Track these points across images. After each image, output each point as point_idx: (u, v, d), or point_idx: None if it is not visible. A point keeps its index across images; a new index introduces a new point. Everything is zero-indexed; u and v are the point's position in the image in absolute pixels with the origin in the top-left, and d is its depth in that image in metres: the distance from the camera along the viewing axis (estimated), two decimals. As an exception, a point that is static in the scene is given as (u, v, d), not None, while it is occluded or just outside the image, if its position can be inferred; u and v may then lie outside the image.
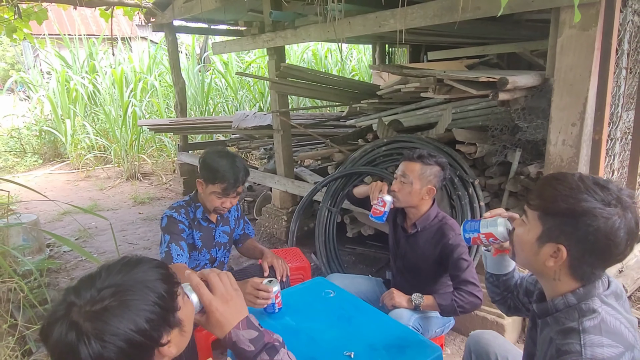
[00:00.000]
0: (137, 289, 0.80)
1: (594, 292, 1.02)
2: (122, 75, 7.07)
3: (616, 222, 0.94)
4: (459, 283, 1.82)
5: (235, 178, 1.94)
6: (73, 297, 0.78)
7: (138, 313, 0.78)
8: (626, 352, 0.92)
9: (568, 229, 0.99)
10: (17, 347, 2.12)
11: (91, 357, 0.74)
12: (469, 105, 3.38)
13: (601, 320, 0.97)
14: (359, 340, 1.52)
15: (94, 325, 0.75)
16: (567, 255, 1.00)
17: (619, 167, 2.31)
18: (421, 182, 1.89)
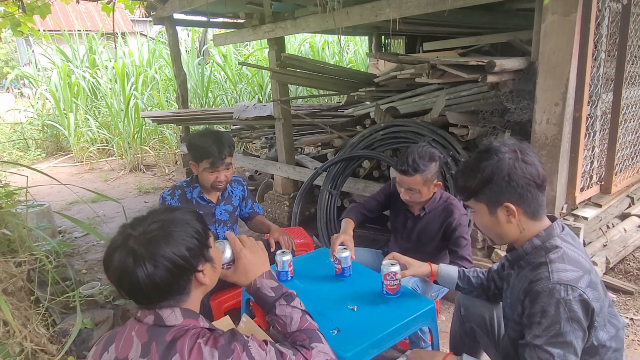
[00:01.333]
0: (179, 224, 0.99)
1: (553, 233, 1.23)
2: (123, 69, 7.19)
3: (515, 160, 1.21)
4: (456, 258, 2.01)
5: (220, 151, 2.08)
6: (129, 230, 0.97)
7: (180, 242, 0.96)
8: (585, 275, 1.13)
9: (496, 189, 1.23)
10: (42, 319, 2.28)
11: (145, 276, 0.92)
12: (462, 91, 3.53)
13: (563, 253, 1.18)
14: (361, 297, 1.70)
15: (147, 249, 0.93)
16: (515, 205, 1.22)
17: (599, 144, 2.48)
18: (426, 186, 2.01)
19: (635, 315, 2.49)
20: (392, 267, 1.65)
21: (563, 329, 1.09)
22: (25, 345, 2.00)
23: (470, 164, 1.30)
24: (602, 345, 1.16)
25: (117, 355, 0.95)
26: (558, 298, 1.10)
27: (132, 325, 0.98)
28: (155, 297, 0.96)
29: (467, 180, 1.28)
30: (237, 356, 0.92)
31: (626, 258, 3.11)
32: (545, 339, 1.11)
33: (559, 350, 1.10)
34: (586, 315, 1.11)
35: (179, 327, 0.95)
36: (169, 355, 0.90)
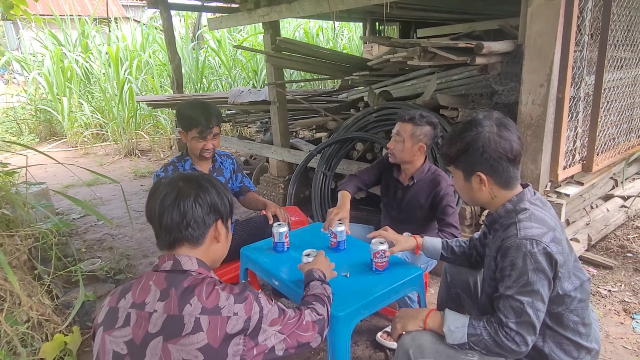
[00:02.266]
0: (222, 185, 1.17)
1: (524, 198, 1.36)
2: (117, 53, 7.16)
3: (492, 134, 1.31)
4: (444, 225, 2.11)
5: (208, 120, 2.17)
6: (180, 175, 1.14)
7: (220, 193, 1.13)
8: (549, 232, 1.25)
9: (471, 159, 1.35)
10: (46, 291, 2.36)
11: (183, 205, 1.06)
12: (453, 75, 3.62)
13: (531, 213, 1.30)
14: (354, 266, 1.79)
15: (194, 188, 1.09)
16: (486, 175, 1.34)
17: (582, 124, 2.58)
18: (412, 141, 2.14)
19: (612, 288, 2.62)
20: (380, 246, 1.74)
21: (530, 278, 1.21)
22: (31, 314, 2.08)
23: (454, 133, 1.41)
24: (567, 295, 1.28)
25: (134, 300, 1.03)
26: (524, 251, 1.22)
27: (149, 275, 1.06)
28: (182, 226, 1.07)
29: (448, 147, 1.40)
30: (249, 302, 1.03)
31: (608, 236, 3.25)
32: (515, 289, 1.23)
33: (527, 298, 1.22)
34: (550, 267, 1.23)
35: (195, 276, 1.04)
36: (188, 298, 0.99)
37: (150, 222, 1.11)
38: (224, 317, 0.97)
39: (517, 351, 1.24)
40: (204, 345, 0.94)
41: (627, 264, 2.89)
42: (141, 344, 0.97)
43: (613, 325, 2.30)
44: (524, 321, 1.23)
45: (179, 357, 0.94)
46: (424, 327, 1.43)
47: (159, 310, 0.99)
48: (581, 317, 1.33)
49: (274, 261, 1.89)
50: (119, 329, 1.01)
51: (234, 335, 0.97)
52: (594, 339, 1.38)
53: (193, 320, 0.96)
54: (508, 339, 1.24)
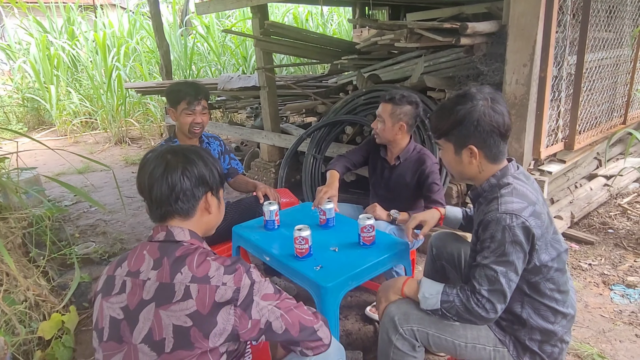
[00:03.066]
0: (210, 155, 1.18)
1: (507, 172, 1.40)
2: (104, 40, 7.08)
3: (486, 108, 1.33)
4: (430, 202, 2.18)
5: (196, 91, 2.22)
6: (169, 147, 1.16)
7: (208, 164, 1.15)
8: (529, 206, 1.31)
9: (464, 132, 1.37)
10: (42, 273, 2.40)
11: (172, 178, 1.08)
12: (441, 58, 3.65)
13: (513, 188, 1.35)
14: (342, 241, 1.86)
15: (182, 161, 1.11)
16: (477, 148, 1.38)
17: (564, 103, 2.65)
18: (392, 120, 2.19)
19: (593, 262, 2.72)
20: (367, 221, 1.80)
21: (507, 250, 1.27)
22: (27, 295, 2.12)
23: (446, 106, 1.42)
24: (544, 265, 1.34)
25: (129, 269, 1.07)
26: (504, 225, 1.27)
27: (144, 245, 1.11)
28: (171, 199, 1.10)
29: (440, 120, 1.42)
30: (239, 274, 1.04)
31: (590, 214, 3.35)
32: (492, 259, 1.29)
33: (502, 268, 1.28)
34: (527, 240, 1.28)
35: (187, 246, 1.08)
36: (179, 267, 1.03)
37: (141, 195, 1.14)
38: (213, 287, 1.00)
39: (486, 317, 1.31)
40: (193, 311, 0.98)
41: (608, 239, 2.99)
42: (135, 310, 1.02)
43: (592, 296, 2.40)
44: (496, 289, 1.29)
45: (169, 322, 0.98)
46: (401, 294, 1.49)
47: (152, 278, 1.03)
48: (557, 284, 1.39)
49: (265, 238, 1.94)
50: (115, 296, 1.05)
51: (223, 305, 1.00)
52: (570, 305, 1.45)
53: (183, 288, 1.00)
54: (479, 305, 1.30)
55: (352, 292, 2.50)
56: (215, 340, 1.00)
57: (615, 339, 2.05)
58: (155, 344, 0.98)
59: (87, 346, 2.18)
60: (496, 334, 1.44)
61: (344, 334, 2.16)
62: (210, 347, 0.99)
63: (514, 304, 1.40)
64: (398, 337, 1.45)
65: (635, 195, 3.67)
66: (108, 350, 1.04)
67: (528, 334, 1.40)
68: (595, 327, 2.14)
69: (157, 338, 0.98)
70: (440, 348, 1.46)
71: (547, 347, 1.40)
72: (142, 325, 1.00)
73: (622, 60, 3.31)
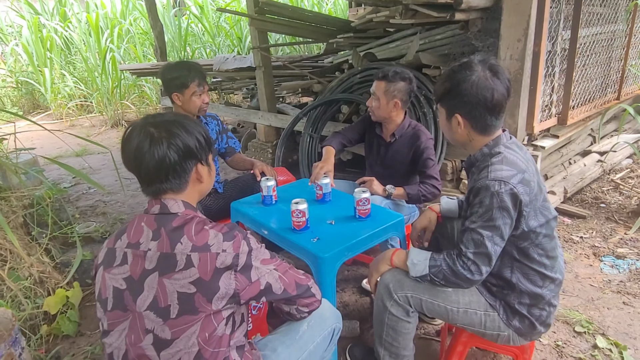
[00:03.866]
0: (192, 121, 1.15)
1: (499, 142, 1.43)
2: (97, 21, 7.00)
3: (479, 79, 1.33)
4: (425, 177, 2.22)
5: (200, 71, 2.22)
6: (149, 118, 1.11)
7: (192, 133, 1.11)
8: (518, 174, 1.34)
9: (453, 100, 1.40)
10: (45, 251, 2.45)
11: (158, 155, 1.06)
12: (436, 35, 3.64)
13: (503, 157, 1.38)
14: (339, 214, 1.90)
15: (165, 132, 1.07)
16: (463, 118, 1.40)
17: (558, 78, 2.67)
18: (387, 98, 2.21)
19: (584, 235, 2.79)
20: (363, 194, 1.84)
21: (494, 215, 1.32)
22: (32, 271, 2.17)
23: (446, 73, 1.44)
24: (532, 231, 1.38)
25: (129, 241, 1.10)
26: (492, 191, 1.31)
27: (141, 217, 1.13)
28: (161, 176, 1.09)
29: (438, 85, 1.46)
30: (238, 241, 1.07)
31: (583, 189, 3.41)
32: (479, 223, 1.34)
33: (488, 232, 1.33)
34: (514, 206, 1.33)
35: (182, 216, 1.10)
36: (178, 237, 1.06)
37: (128, 170, 1.13)
38: (213, 254, 1.04)
39: (471, 279, 1.36)
40: (196, 279, 1.02)
41: (600, 213, 3.06)
42: (139, 279, 1.05)
43: (582, 267, 2.47)
44: (481, 252, 1.34)
45: (173, 289, 1.02)
46: (391, 264, 1.54)
47: (153, 248, 1.06)
48: (546, 250, 1.44)
49: (263, 213, 1.99)
50: (117, 267, 1.09)
51: (224, 270, 1.04)
52: (558, 270, 1.50)
53: (185, 257, 1.03)
54: (464, 267, 1.35)
55: (349, 267, 2.57)
56: (218, 304, 1.04)
57: (604, 307, 2.12)
58: (161, 311, 1.02)
59: (92, 320, 2.24)
60: (487, 298, 1.49)
61: (341, 305, 2.22)
62: (213, 310, 1.04)
63: (504, 269, 1.45)
64: (392, 303, 1.50)
65: (628, 170, 3.72)
66: (113, 319, 1.08)
67: (517, 298, 1.46)
68: (584, 295, 2.21)
69: (162, 305, 1.02)
70: (433, 313, 1.52)
71: (535, 310, 1.46)
72: (147, 294, 1.04)
73: (616, 35, 3.32)
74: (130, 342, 1.05)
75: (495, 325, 1.48)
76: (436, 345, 1.94)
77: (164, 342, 1.03)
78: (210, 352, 1.05)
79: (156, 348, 1.03)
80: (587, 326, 1.96)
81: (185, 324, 1.02)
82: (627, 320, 2.02)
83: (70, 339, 2.12)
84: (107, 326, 1.09)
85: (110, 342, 1.08)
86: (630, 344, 1.87)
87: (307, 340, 1.28)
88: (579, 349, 1.86)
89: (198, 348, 1.03)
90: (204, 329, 1.03)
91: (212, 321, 1.04)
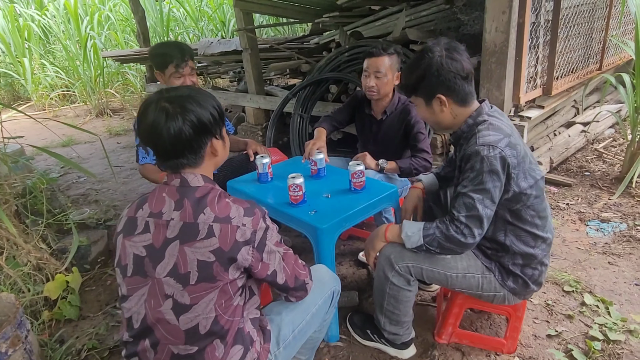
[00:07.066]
0: (206, 95, 1.16)
1: (482, 111, 1.48)
2: (76, 8, 6.82)
3: (442, 57, 1.41)
4: (416, 151, 2.26)
5: (181, 52, 2.18)
6: (164, 93, 1.12)
7: (206, 107, 1.12)
8: (505, 138, 1.40)
9: (428, 83, 1.45)
10: (41, 238, 2.45)
11: (174, 130, 1.07)
12: (422, 12, 3.65)
13: (489, 124, 1.44)
14: (334, 188, 1.94)
15: (180, 107, 1.08)
16: (445, 96, 1.45)
17: (542, 50, 2.72)
18: (392, 72, 2.22)
19: (570, 202, 2.88)
20: (357, 167, 1.88)
21: (484, 178, 1.37)
22: (29, 258, 2.18)
23: (409, 64, 1.50)
24: (523, 192, 1.43)
25: (151, 210, 1.12)
26: (482, 155, 1.36)
27: (162, 188, 1.15)
28: (178, 151, 1.11)
29: (407, 77, 1.50)
30: (257, 218, 1.11)
31: (568, 159, 3.50)
32: (470, 187, 1.39)
33: (479, 195, 1.38)
34: (503, 169, 1.38)
35: (203, 188, 1.12)
36: (200, 207, 1.08)
37: (146, 144, 1.14)
38: (234, 226, 1.07)
39: (465, 243, 1.41)
40: (216, 248, 1.06)
41: (584, 181, 3.15)
42: (161, 247, 1.08)
43: (569, 232, 2.56)
44: (473, 215, 1.39)
45: (193, 257, 1.06)
46: (385, 240, 1.59)
47: (176, 218, 1.09)
48: (537, 211, 1.49)
49: (260, 190, 2.02)
50: (138, 235, 1.12)
51: (243, 244, 1.08)
52: (549, 230, 1.56)
53: (207, 227, 1.06)
54: (457, 232, 1.41)
55: (345, 241, 2.62)
56: (234, 273, 1.09)
57: (590, 267, 2.21)
58: (181, 277, 1.06)
59: (92, 305, 2.27)
60: (483, 261, 1.56)
61: (340, 277, 2.26)
62: (230, 279, 1.08)
63: (498, 233, 1.51)
64: (394, 273, 1.56)
65: (610, 140, 3.82)
66: (133, 285, 1.11)
67: (511, 259, 1.52)
68: (572, 258, 2.30)
69: (182, 272, 1.06)
70: (433, 280, 1.58)
71: (528, 270, 1.53)
72: (168, 261, 1.07)
73: (597, 6, 3.37)
74: (149, 307, 1.09)
75: (492, 286, 1.55)
76: (432, 311, 2.01)
77: (183, 307, 1.07)
78: (226, 319, 1.10)
79: (175, 312, 1.07)
80: (575, 285, 2.05)
81: (204, 290, 1.06)
82: (612, 278, 2.12)
83: (73, 322, 2.14)
84: (126, 291, 1.12)
85: (130, 306, 1.12)
86: (616, 299, 1.97)
87: (310, 303, 1.33)
88: (568, 306, 1.95)
89: (215, 314, 1.08)
90: (221, 296, 1.08)
91: (228, 290, 1.09)
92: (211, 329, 1.08)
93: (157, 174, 2.20)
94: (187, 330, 1.07)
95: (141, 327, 1.11)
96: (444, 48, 1.43)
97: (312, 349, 1.52)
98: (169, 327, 1.08)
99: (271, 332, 1.25)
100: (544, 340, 1.78)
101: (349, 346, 1.82)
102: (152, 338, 1.10)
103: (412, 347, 1.76)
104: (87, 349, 1.92)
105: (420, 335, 1.84)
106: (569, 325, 1.85)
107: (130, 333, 1.13)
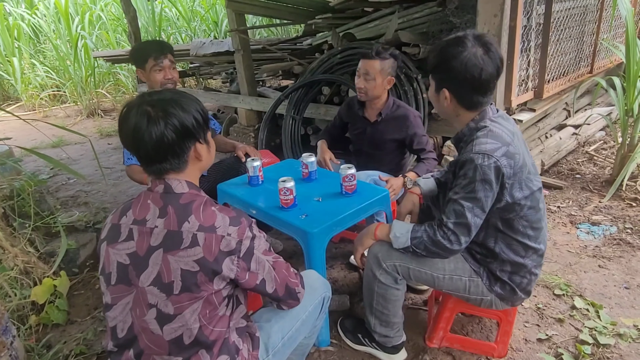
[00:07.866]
0: (188, 99, 1.12)
1: (485, 116, 1.45)
2: (67, 7, 6.74)
3: (470, 57, 1.32)
4: (426, 154, 2.30)
5: (160, 46, 2.19)
6: (146, 96, 1.09)
7: (189, 111, 1.09)
8: (502, 147, 1.36)
9: (442, 75, 1.42)
10: (29, 241, 2.41)
11: (156, 134, 1.04)
12: (414, 14, 3.65)
13: (488, 130, 1.40)
14: (325, 191, 1.93)
15: (161, 111, 1.05)
16: (450, 93, 1.42)
17: (534, 53, 2.73)
18: (382, 76, 2.21)
19: (561, 204, 2.89)
20: (349, 170, 1.87)
21: (476, 187, 1.35)
22: (16, 262, 2.14)
23: (439, 46, 1.43)
24: (516, 203, 1.41)
25: (135, 217, 1.10)
26: (476, 164, 1.34)
27: (147, 195, 1.12)
28: (160, 156, 1.08)
29: (430, 57, 1.45)
30: (243, 227, 1.09)
31: (560, 161, 3.52)
32: (461, 194, 1.38)
33: (469, 203, 1.37)
34: (497, 179, 1.35)
35: (188, 195, 1.10)
36: (186, 216, 1.06)
37: (128, 149, 1.12)
38: (219, 236, 1.05)
39: (450, 249, 1.40)
40: (200, 257, 1.03)
41: (575, 184, 3.17)
42: (144, 256, 1.06)
43: (560, 234, 2.57)
44: (461, 222, 1.38)
45: (177, 266, 1.03)
46: (374, 238, 1.58)
47: (160, 226, 1.06)
48: (530, 222, 1.46)
49: (250, 193, 2.00)
50: (122, 243, 1.09)
51: (227, 254, 1.05)
52: (542, 241, 1.53)
53: (191, 235, 1.04)
54: (444, 237, 1.40)
55: (336, 244, 2.61)
56: (219, 284, 1.06)
57: (581, 270, 2.22)
58: (164, 286, 1.04)
59: (81, 309, 2.23)
60: (471, 265, 1.55)
61: (331, 281, 2.27)
62: (214, 290, 1.06)
63: (488, 240, 1.50)
64: (381, 272, 1.55)
65: (601, 142, 3.85)
66: (117, 293, 1.09)
67: (499, 266, 1.51)
68: (562, 261, 2.31)
69: (165, 281, 1.04)
70: (420, 280, 1.58)
71: (516, 277, 1.51)
72: (151, 270, 1.05)
73: (588, 9, 3.39)
74: (135, 315, 1.07)
75: (479, 290, 1.55)
76: (424, 315, 2.00)
77: (167, 317, 1.05)
78: (211, 329, 1.08)
79: (159, 322, 1.05)
80: (565, 289, 2.06)
81: (188, 300, 1.04)
82: (603, 281, 2.13)
83: (60, 327, 2.11)
84: (110, 300, 1.10)
85: (114, 315, 1.10)
86: (606, 303, 1.98)
87: (300, 310, 1.31)
88: (559, 310, 1.96)
89: (199, 324, 1.06)
90: (205, 306, 1.06)
91: (213, 300, 1.07)
92: (196, 339, 1.06)
93: (142, 174, 2.18)
94: (171, 341, 1.06)
95: (126, 337, 1.09)
96: (480, 46, 1.33)
97: (302, 354, 1.51)
98: (153, 337, 1.06)
99: (260, 339, 1.24)
100: (535, 344, 1.78)
101: (340, 350, 1.81)
102: (137, 348, 1.08)
103: (403, 351, 1.75)
104: (74, 354, 1.89)
105: (411, 339, 1.84)
106: (559, 329, 1.85)
107: (114, 342, 1.11)
